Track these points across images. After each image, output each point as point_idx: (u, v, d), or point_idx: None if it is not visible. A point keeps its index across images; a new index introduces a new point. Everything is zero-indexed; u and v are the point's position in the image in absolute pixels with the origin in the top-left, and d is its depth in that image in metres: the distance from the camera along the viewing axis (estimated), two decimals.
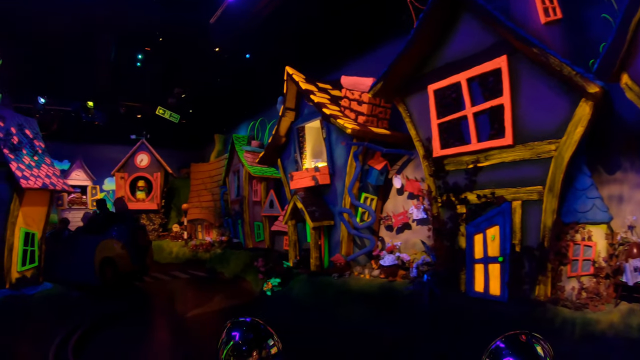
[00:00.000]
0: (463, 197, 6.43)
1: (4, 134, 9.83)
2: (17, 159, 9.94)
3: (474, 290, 6.06)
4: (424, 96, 6.88)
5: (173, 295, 11.90)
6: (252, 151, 15.15)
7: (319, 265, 9.36)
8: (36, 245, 10.45)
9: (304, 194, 9.71)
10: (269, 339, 2.13)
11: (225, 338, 2.09)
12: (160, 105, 17.18)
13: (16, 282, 9.70)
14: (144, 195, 19.72)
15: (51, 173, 10.94)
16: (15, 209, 9.70)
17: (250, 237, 14.88)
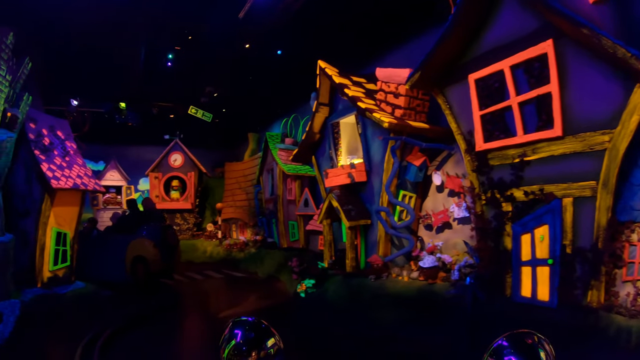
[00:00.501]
0: (509, 194, 6.20)
1: (35, 136, 10.24)
2: (48, 159, 10.33)
3: (520, 295, 5.83)
4: (464, 86, 6.67)
5: (206, 295, 12.14)
6: (286, 149, 15.20)
7: (355, 267, 9.27)
8: (68, 245, 10.86)
9: (340, 192, 9.64)
10: (271, 338, 2.17)
11: (227, 337, 2.14)
12: (193, 104, 17.50)
13: (48, 281, 10.13)
14: (178, 195, 20.17)
15: (83, 173, 11.31)
16: (46, 209, 10.11)
17: (285, 237, 14.93)
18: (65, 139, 11.69)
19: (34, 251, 9.97)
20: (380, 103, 9.11)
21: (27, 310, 8.34)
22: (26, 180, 10.22)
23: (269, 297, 11.19)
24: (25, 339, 7.43)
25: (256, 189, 17.50)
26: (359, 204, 9.46)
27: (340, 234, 10.47)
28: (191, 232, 19.95)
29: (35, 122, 10.66)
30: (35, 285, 9.87)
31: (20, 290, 9.24)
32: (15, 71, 9.32)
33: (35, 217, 10.08)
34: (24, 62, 9.58)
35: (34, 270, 9.94)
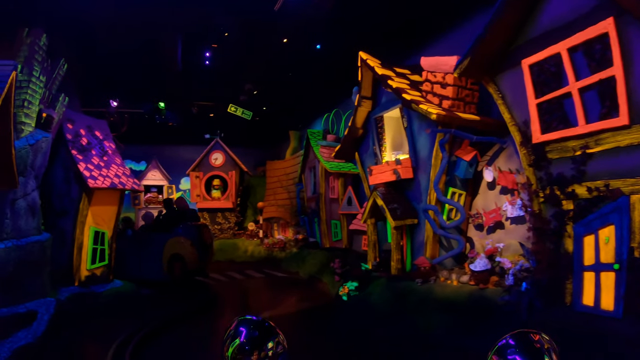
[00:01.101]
0: (570, 190, 5.82)
1: (73, 136, 10.62)
2: (86, 159, 10.68)
3: (582, 304, 5.45)
4: (517, 73, 6.33)
5: (245, 296, 12.26)
6: (328, 146, 15.11)
7: (400, 269, 9.06)
8: (106, 244, 11.21)
9: (385, 190, 9.44)
10: (275, 338, 2.25)
11: (232, 335, 2.22)
12: (232, 103, 17.72)
13: (85, 279, 10.50)
14: (219, 194, 20.49)
15: (121, 173, 11.63)
16: (84, 208, 10.47)
17: (327, 236, 14.88)
18: (104, 139, 12.07)
19: (71, 250, 10.36)
20: (426, 94, 8.84)
21: (62, 309, 8.63)
22: (64, 180, 10.62)
23: (310, 298, 11.15)
24: (58, 337, 7.65)
25: (298, 187, 17.58)
26: (405, 203, 9.23)
27: (385, 234, 10.30)
28: (232, 231, 20.25)
29: (73, 123, 11.05)
30: (72, 283, 10.24)
31: (57, 288, 9.58)
32: (50, 72, 9.66)
33: (73, 216, 10.48)
34: (59, 64, 9.92)
35: (72, 269, 10.32)
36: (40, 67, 9.00)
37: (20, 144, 8.45)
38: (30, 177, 8.87)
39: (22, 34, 8.76)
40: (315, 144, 15.47)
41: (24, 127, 8.63)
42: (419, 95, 8.88)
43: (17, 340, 6.97)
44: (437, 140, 8.28)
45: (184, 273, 12.67)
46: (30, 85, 8.67)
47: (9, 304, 7.96)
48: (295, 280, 13.75)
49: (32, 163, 8.79)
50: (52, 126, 9.42)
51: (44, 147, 9.07)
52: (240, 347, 2.16)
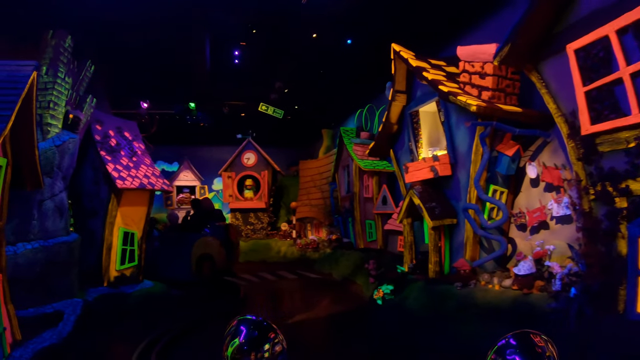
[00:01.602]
0: (624, 186, 5.40)
1: (101, 137, 10.78)
2: (114, 160, 10.81)
3: (636, 312, 5.02)
4: (562, 59, 5.93)
5: (277, 297, 12.17)
6: (362, 143, 14.91)
7: (438, 272, 8.73)
8: (136, 245, 11.34)
9: (422, 188, 9.14)
10: (274, 337, 2.28)
11: (231, 335, 2.25)
12: (263, 102, 17.71)
13: (114, 280, 10.65)
14: (251, 194, 20.54)
15: (150, 173, 11.72)
16: (113, 209, 10.61)
17: (362, 237, 14.71)
18: (133, 140, 12.21)
19: (100, 251, 10.53)
20: (464, 86, 8.49)
21: (89, 310, 8.71)
22: (94, 181, 10.79)
23: (344, 301, 11.01)
24: (83, 339, 7.69)
25: (331, 186, 17.51)
26: (444, 201, 8.90)
27: (422, 235, 10.00)
28: (265, 231, 20.29)
29: (102, 124, 11.21)
30: (101, 284, 10.41)
31: (86, 289, 9.72)
32: (76, 74, 9.80)
33: (102, 217, 10.66)
34: (86, 65, 10.04)
35: (101, 269, 10.48)
36: (65, 69, 9.12)
37: (46, 145, 8.57)
38: (57, 178, 8.99)
39: (47, 36, 8.91)
40: (348, 142, 15.30)
41: (50, 129, 8.76)
42: (457, 87, 8.53)
43: (42, 341, 7.02)
44: (477, 134, 7.93)
45: (212, 273, 12.91)
46: (56, 86, 8.79)
47: (36, 304, 8.10)
48: (328, 282, 13.64)
49: (59, 164, 8.91)
50: (79, 127, 9.54)
51: (71, 148, 9.18)
52: (240, 347, 2.19)
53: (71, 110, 9.45)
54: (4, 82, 6.36)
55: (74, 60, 9.60)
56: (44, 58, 8.78)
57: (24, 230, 8.29)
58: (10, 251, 7.87)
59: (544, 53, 6.29)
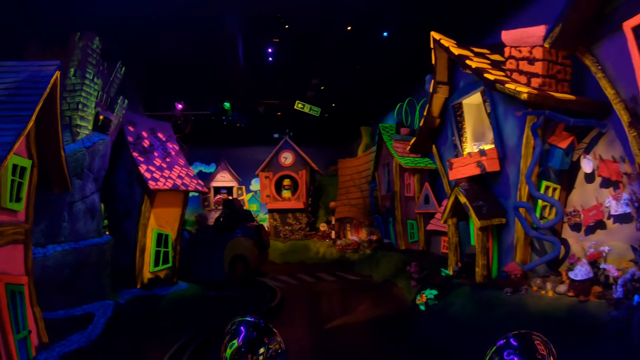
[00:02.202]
0: None
1: (134, 138, 10.69)
2: (147, 161, 10.67)
3: None
4: (619, 38, 5.31)
5: (315, 300, 11.81)
6: (402, 140, 14.39)
7: (486, 276, 8.07)
8: (170, 246, 11.19)
9: (468, 185, 8.51)
10: (273, 339, 2.28)
11: (230, 336, 2.24)
12: (299, 100, 17.32)
13: (148, 282, 10.53)
14: (289, 194, 20.21)
15: (184, 174, 11.52)
16: (146, 211, 10.50)
17: (403, 237, 14.26)
18: (167, 141, 12.06)
19: (134, 253, 10.41)
20: (511, 73, 7.80)
21: (121, 312, 8.56)
22: (127, 183, 10.70)
23: (384, 305, 10.52)
24: (112, 342, 7.49)
25: (371, 185, 17.16)
26: (491, 199, 8.24)
27: (468, 236, 9.39)
28: (303, 232, 19.94)
29: (134, 125, 11.10)
30: (135, 286, 10.29)
31: (119, 291, 9.62)
32: (106, 75, 9.72)
33: (135, 218, 10.56)
34: (116, 67, 9.89)
35: (134, 271, 10.37)
36: (94, 70, 9.01)
37: (76, 147, 8.45)
38: (88, 179, 8.85)
39: (75, 38, 8.84)
40: (388, 139, 14.81)
41: (80, 130, 8.63)
42: (503, 75, 7.84)
43: (69, 343, 6.87)
44: (527, 126, 7.27)
45: (245, 273, 12.95)
46: (84, 87, 8.69)
47: (66, 306, 8.02)
48: (368, 284, 13.22)
49: (90, 166, 8.76)
50: (110, 129, 9.40)
51: (101, 150, 9.02)
52: (239, 348, 2.19)
53: (102, 111, 9.31)
54: (26, 82, 6.20)
55: (103, 62, 9.51)
56: (72, 60, 8.71)
57: (54, 232, 8.20)
58: (40, 253, 7.78)
59: (598, 33, 5.74)
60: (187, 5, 10.72)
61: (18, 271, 6.27)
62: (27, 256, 6.50)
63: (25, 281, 6.36)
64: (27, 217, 6.52)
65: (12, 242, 6.11)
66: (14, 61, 6.52)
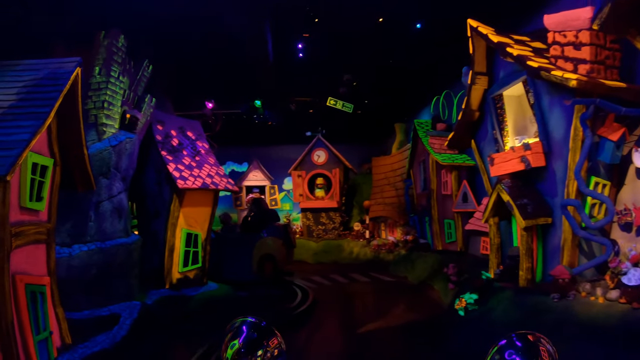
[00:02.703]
0: None
1: (163, 137, 10.57)
2: (176, 160, 10.52)
3: None
4: None
5: (348, 302, 11.48)
6: (439, 136, 13.82)
7: (530, 280, 7.50)
8: (199, 246, 11.02)
9: (511, 182, 7.96)
10: (273, 339, 2.28)
11: (230, 337, 2.26)
12: (331, 96, 16.94)
13: (177, 282, 10.34)
14: (323, 193, 19.87)
15: (214, 173, 11.34)
16: (175, 210, 10.33)
17: (440, 238, 13.77)
18: (196, 139, 11.91)
19: (162, 253, 10.26)
20: (555, 60, 7.20)
21: (148, 313, 8.39)
22: (156, 182, 10.60)
23: (420, 308, 10.12)
24: (137, 344, 7.32)
25: (406, 184, 16.79)
26: (536, 197, 7.69)
27: (509, 236, 8.80)
28: (337, 231, 19.56)
29: (163, 124, 11.00)
30: (163, 286, 10.12)
31: (147, 291, 9.48)
32: (133, 74, 9.61)
33: (164, 218, 10.40)
34: (143, 65, 9.76)
35: (163, 271, 10.22)
36: (120, 68, 8.89)
37: (102, 146, 8.34)
38: (115, 179, 8.73)
39: (99, 37, 8.75)
40: (423, 135, 14.34)
41: (106, 129, 8.51)
42: (547, 62, 7.26)
43: (93, 345, 6.73)
44: (575, 116, 6.67)
45: (274, 273, 12.81)
46: (109, 86, 8.56)
47: (92, 306, 7.90)
48: (403, 286, 12.80)
49: (116, 165, 8.63)
50: (137, 127, 9.26)
51: (128, 149, 8.89)
52: (240, 349, 2.20)
53: (128, 110, 9.16)
54: (45, 80, 6.08)
55: (130, 61, 9.39)
56: (97, 59, 8.60)
57: (81, 232, 8.11)
58: (66, 253, 7.69)
59: None
60: (215, 2, 10.54)
61: (40, 271, 6.14)
62: (50, 256, 6.39)
63: (47, 281, 6.23)
64: (49, 216, 6.39)
65: (33, 242, 5.98)
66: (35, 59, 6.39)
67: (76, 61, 6.28)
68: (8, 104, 5.70)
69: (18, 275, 5.57)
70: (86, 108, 8.38)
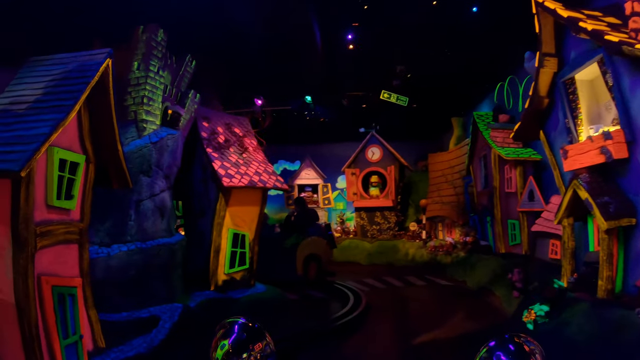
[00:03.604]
0: None
1: (208, 134, 10.18)
2: (222, 157, 10.14)
3: None
4: None
5: (402, 308, 10.82)
6: (501, 128, 12.82)
7: (610, 290, 6.48)
8: (247, 247, 10.58)
9: (590, 177, 6.94)
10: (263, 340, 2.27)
11: (220, 337, 2.27)
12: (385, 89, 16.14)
13: (223, 284, 9.92)
14: (377, 192, 19.13)
15: (262, 170, 10.90)
16: (221, 209, 9.91)
17: (502, 240, 12.67)
18: (244, 136, 11.52)
19: (208, 253, 9.86)
20: (636, 34, 6.16)
21: (189, 316, 7.96)
22: (202, 180, 10.26)
23: (481, 317, 9.33)
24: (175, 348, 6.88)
25: (466, 181, 15.86)
26: (619, 194, 6.64)
27: (585, 239, 7.76)
28: (392, 231, 18.72)
29: (209, 120, 10.65)
30: (208, 288, 9.72)
31: (190, 293, 9.09)
32: (175, 69, 9.27)
33: (210, 217, 9.98)
34: (186, 60, 9.43)
35: (208, 272, 9.82)
36: (159, 63, 8.55)
37: (142, 142, 8.02)
38: (157, 177, 8.40)
39: (138, 32, 8.42)
40: (484, 128, 13.32)
41: (146, 125, 8.20)
42: (626, 37, 6.23)
43: (129, 349, 6.33)
44: None
45: (319, 273, 12.63)
46: (149, 81, 8.23)
47: (131, 308, 7.53)
48: (461, 291, 12.07)
49: (158, 162, 8.30)
50: (179, 124, 8.91)
51: (170, 145, 8.55)
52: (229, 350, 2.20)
53: (170, 106, 8.84)
54: (73, 72, 5.74)
55: (171, 56, 9.08)
56: (136, 54, 8.30)
57: (120, 231, 7.79)
58: (104, 253, 7.40)
59: None
60: None
61: (70, 272, 5.81)
62: (82, 257, 6.05)
63: (78, 283, 5.90)
64: (82, 215, 6.07)
65: (62, 242, 5.65)
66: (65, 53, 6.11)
67: (106, 52, 5.92)
68: (33, 98, 5.40)
69: (44, 277, 5.24)
70: (125, 104, 8.11)
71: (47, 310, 5.24)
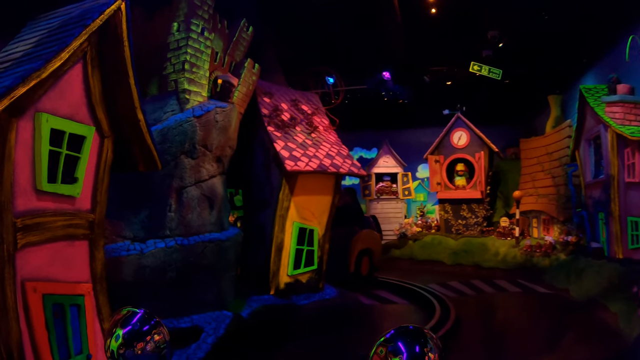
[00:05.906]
0: None
1: (270, 111, 8.70)
2: (286, 137, 8.62)
3: None
4: None
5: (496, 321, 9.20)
6: (621, 101, 10.19)
7: None
8: (315, 244, 9.05)
9: None
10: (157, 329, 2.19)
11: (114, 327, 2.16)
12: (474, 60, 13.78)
13: (285, 287, 8.48)
14: (464, 182, 16.81)
15: (334, 153, 9.39)
16: (284, 199, 8.44)
17: (620, 241, 10.22)
18: (313, 114, 10.01)
19: (268, 251, 8.39)
20: None
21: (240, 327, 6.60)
22: (264, 165, 8.84)
23: (594, 339, 7.45)
24: None
25: (569, 169, 13.33)
26: None
27: None
28: (480, 227, 16.29)
29: (271, 96, 9.19)
30: (268, 292, 8.27)
31: (246, 298, 7.73)
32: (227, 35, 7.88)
33: (272, 208, 8.47)
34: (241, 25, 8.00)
35: (267, 274, 8.32)
36: (204, 24, 7.07)
37: (182, 117, 6.59)
38: (204, 158, 6.98)
39: None
40: (595, 104, 10.84)
41: (189, 96, 6.80)
42: None
43: None
44: None
45: (371, 268, 11.85)
46: (190, 43, 6.78)
47: (169, 316, 6.17)
48: (564, 303, 10.02)
49: (204, 141, 6.85)
50: (231, 96, 7.46)
51: (219, 121, 7.07)
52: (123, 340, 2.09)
53: (221, 75, 7.38)
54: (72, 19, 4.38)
55: (221, 19, 7.62)
56: (177, 15, 6.91)
57: (157, 224, 6.47)
58: (136, 250, 6.10)
59: None
60: None
61: (75, 277, 4.48)
62: (94, 256, 4.72)
63: (86, 290, 4.56)
64: (93, 204, 4.73)
65: (62, 238, 4.33)
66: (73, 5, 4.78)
67: None
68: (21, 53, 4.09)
69: (31, 283, 3.94)
70: (165, 73, 6.76)
71: (36, 326, 3.96)
